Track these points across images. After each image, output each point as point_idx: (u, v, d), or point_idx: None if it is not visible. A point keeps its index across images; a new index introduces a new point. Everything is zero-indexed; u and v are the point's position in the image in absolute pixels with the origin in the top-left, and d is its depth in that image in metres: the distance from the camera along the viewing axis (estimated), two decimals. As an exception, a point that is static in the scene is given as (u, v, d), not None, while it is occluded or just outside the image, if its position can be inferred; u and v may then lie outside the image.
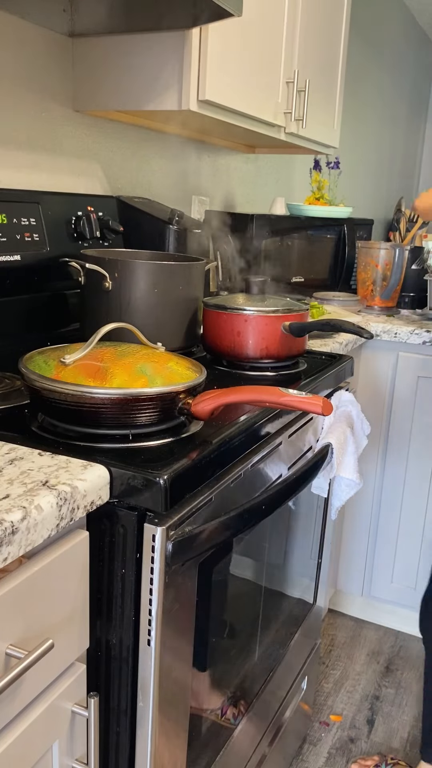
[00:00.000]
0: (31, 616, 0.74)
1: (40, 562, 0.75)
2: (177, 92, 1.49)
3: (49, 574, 0.76)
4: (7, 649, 0.70)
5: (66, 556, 0.78)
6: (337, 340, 1.75)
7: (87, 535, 0.83)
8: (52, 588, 0.77)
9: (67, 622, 0.80)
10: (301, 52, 1.93)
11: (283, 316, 1.33)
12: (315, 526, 1.59)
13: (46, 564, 0.75)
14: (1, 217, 1.28)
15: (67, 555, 0.78)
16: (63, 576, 0.78)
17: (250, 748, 1.33)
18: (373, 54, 3.61)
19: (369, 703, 1.98)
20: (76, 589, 0.81)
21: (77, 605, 0.82)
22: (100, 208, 1.56)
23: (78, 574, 0.82)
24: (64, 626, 0.80)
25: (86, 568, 0.83)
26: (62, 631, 0.79)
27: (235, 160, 2.43)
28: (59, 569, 0.77)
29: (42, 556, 0.76)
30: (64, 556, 0.78)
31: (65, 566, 0.79)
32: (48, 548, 0.77)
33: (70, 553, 0.79)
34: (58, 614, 0.78)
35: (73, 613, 0.81)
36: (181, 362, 1.03)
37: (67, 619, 0.80)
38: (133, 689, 0.89)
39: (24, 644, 0.72)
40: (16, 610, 0.71)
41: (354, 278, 2.60)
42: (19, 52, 1.44)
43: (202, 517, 0.90)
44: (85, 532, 0.83)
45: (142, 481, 0.83)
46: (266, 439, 1.13)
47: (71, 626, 0.81)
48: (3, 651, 0.70)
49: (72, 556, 0.80)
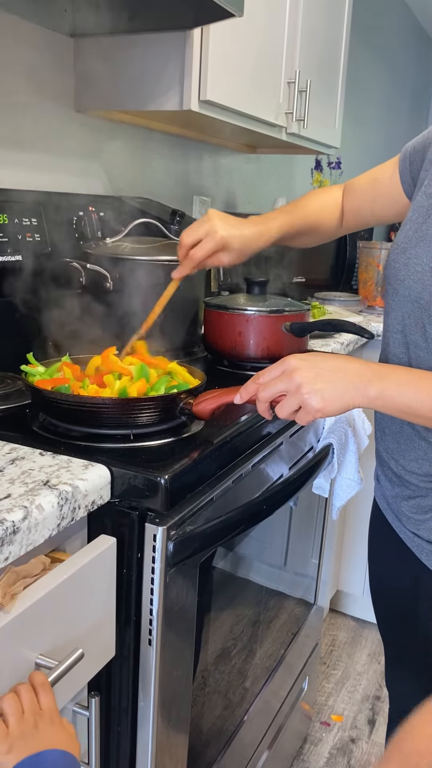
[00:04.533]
0: (60, 624, 0.73)
1: (69, 570, 0.74)
2: (178, 92, 1.49)
3: (77, 582, 0.75)
4: (37, 659, 0.70)
5: (94, 564, 0.78)
6: (338, 341, 1.75)
7: (114, 542, 0.82)
8: (81, 595, 0.76)
9: (95, 630, 0.79)
10: (302, 52, 1.92)
11: (284, 316, 1.33)
12: (316, 526, 1.59)
13: (74, 572, 0.74)
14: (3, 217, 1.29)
15: (95, 562, 0.78)
16: (91, 583, 0.78)
17: (251, 747, 1.33)
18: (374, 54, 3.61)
19: (370, 703, 1.97)
20: (104, 596, 0.81)
21: (105, 613, 0.81)
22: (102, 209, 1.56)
23: (106, 581, 0.81)
24: (92, 634, 0.79)
25: (113, 574, 0.83)
26: (90, 640, 0.78)
27: (237, 160, 2.43)
28: (88, 576, 0.77)
29: (70, 564, 0.75)
30: (93, 563, 0.77)
31: (93, 573, 0.78)
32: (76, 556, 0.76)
33: (99, 560, 0.78)
34: (87, 622, 0.77)
35: (101, 620, 0.80)
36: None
37: (95, 627, 0.79)
38: (134, 689, 0.89)
39: (54, 654, 0.71)
40: (45, 619, 0.71)
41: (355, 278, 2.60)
42: (20, 52, 1.44)
43: (203, 517, 0.91)
44: (112, 538, 0.82)
45: (143, 480, 0.83)
46: (267, 439, 1.13)
47: (99, 634, 0.81)
48: (33, 661, 0.70)
49: (100, 563, 0.79)
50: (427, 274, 0.91)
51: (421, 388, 0.82)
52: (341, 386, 0.81)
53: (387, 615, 1.17)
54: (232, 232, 1.07)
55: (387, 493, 1.07)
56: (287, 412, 0.83)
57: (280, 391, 0.83)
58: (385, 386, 0.82)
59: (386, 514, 1.08)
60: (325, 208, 1.21)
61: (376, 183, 1.15)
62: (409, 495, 1.01)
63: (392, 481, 1.04)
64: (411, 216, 0.99)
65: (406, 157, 1.09)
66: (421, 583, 1.02)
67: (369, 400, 0.82)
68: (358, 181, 1.20)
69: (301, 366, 0.82)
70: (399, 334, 0.97)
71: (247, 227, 1.10)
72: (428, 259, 0.91)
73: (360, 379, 0.82)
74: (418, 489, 0.99)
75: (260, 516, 0.97)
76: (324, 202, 1.22)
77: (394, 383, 0.82)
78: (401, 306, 0.96)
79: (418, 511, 0.99)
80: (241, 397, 0.88)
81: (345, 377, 0.82)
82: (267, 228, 1.12)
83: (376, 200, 1.16)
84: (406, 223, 1.00)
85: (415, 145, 1.07)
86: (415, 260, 0.93)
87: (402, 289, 0.96)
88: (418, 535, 0.99)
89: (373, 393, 0.82)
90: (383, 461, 1.07)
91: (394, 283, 0.98)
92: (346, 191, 1.22)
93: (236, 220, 1.10)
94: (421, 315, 0.92)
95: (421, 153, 1.05)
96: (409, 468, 0.99)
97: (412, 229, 0.97)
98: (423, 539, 0.99)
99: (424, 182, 1.00)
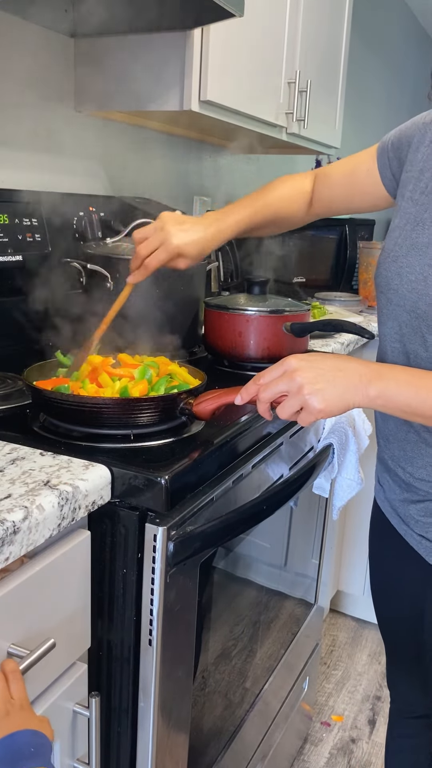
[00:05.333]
0: (33, 615, 0.74)
1: (42, 561, 0.75)
2: (178, 93, 1.49)
3: (50, 574, 0.76)
4: (9, 648, 0.71)
5: (68, 556, 0.78)
6: (338, 341, 1.75)
7: (88, 535, 0.83)
8: (54, 587, 0.77)
9: (69, 621, 0.80)
10: (302, 52, 1.92)
11: (284, 317, 1.33)
12: (316, 527, 1.59)
13: (47, 563, 0.75)
14: (3, 217, 1.29)
15: (68, 554, 0.78)
16: (65, 575, 0.78)
17: (251, 747, 1.33)
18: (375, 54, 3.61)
19: (370, 703, 1.97)
20: (77, 589, 0.81)
21: (79, 605, 0.82)
22: (102, 209, 1.56)
23: (79, 574, 0.82)
24: (65, 626, 0.80)
25: (87, 567, 0.83)
26: (64, 631, 0.79)
27: (237, 160, 2.43)
28: (61, 569, 0.77)
29: (44, 556, 0.76)
30: (66, 555, 0.78)
31: (67, 566, 0.79)
32: (50, 548, 0.77)
33: (72, 553, 0.79)
34: (60, 614, 0.78)
35: (75, 612, 0.81)
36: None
37: (69, 619, 0.80)
38: (134, 689, 0.89)
39: (26, 644, 0.72)
40: (18, 609, 0.72)
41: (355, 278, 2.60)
42: (20, 52, 1.44)
43: (203, 517, 0.91)
44: (87, 531, 0.83)
45: (144, 481, 0.83)
46: (267, 439, 1.13)
47: (73, 626, 0.81)
48: (5, 650, 0.70)
49: (74, 556, 0.80)
50: (421, 283, 0.90)
51: (421, 387, 0.83)
52: (342, 386, 0.82)
53: (389, 616, 1.17)
54: (186, 240, 1.04)
55: (393, 497, 1.06)
56: (289, 413, 0.83)
57: (281, 391, 0.83)
58: (385, 386, 0.82)
59: (390, 517, 1.08)
60: (290, 198, 1.18)
61: (353, 176, 1.13)
62: (418, 499, 1.00)
63: (401, 486, 1.04)
64: (398, 223, 0.98)
65: (385, 152, 1.07)
66: (428, 585, 1.02)
67: (370, 400, 0.82)
68: (332, 170, 1.17)
69: (302, 366, 0.82)
70: (397, 343, 0.97)
71: (201, 229, 1.07)
72: (421, 268, 0.91)
73: (360, 379, 0.82)
74: (428, 494, 0.99)
75: (260, 516, 0.97)
76: (289, 192, 1.18)
77: (393, 382, 0.83)
78: (397, 315, 0.96)
79: (426, 515, 0.99)
80: (241, 398, 0.88)
81: (345, 377, 0.82)
82: (225, 225, 1.10)
83: (353, 192, 1.14)
84: (394, 230, 0.99)
85: (394, 140, 1.06)
86: (408, 269, 0.93)
87: (396, 298, 0.95)
88: (426, 537, 0.99)
89: (373, 392, 0.82)
90: (389, 468, 1.06)
91: (387, 293, 0.98)
92: (319, 179, 1.19)
93: (191, 222, 1.07)
94: (419, 325, 0.92)
95: (401, 150, 1.03)
96: (417, 475, 0.99)
97: (401, 237, 0.96)
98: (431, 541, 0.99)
99: (408, 187, 0.99)
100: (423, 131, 1.00)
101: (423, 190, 0.96)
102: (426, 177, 0.96)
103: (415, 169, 0.99)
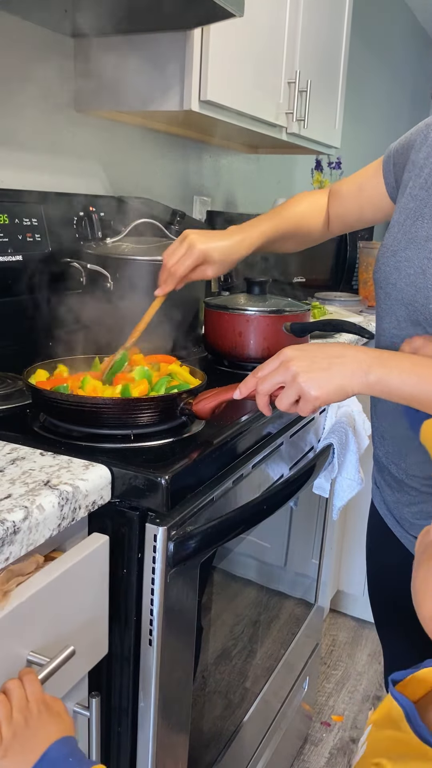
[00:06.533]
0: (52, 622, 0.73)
1: (61, 566, 0.74)
2: (179, 93, 1.49)
3: (69, 579, 0.75)
4: (28, 655, 0.70)
5: (87, 561, 0.77)
6: (338, 341, 1.75)
7: (107, 540, 0.82)
8: (73, 593, 0.76)
9: (87, 627, 0.79)
10: (302, 52, 1.92)
11: (284, 317, 1.33)
12: (316, 527, 1.59)
13: (66, 569, 0.74)
14: (3, 217, 1.29)
15: (87, 560, 0.78)
16: (83, 581, 0.78)
17: (251, 747, 1.33)
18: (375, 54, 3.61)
19: (370, 703, 1.97)
20: (96, 594, 0.80)
21: (97, 610, 0.81)
22: (102, 209, 1.56)
23: (98, 579, 0.81)
24: (84, 632, 0.79)
25: (106, 572, 0.82)
26: (82, 637, 0.78)
27: (237, 160, 2.43)
28: (80, 574, 0.77)
29: (63, 561, 0.75)
30: (85, 560, 0.77)
31: (86, 571, 0.78)
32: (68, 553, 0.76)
33: (91, 558, 0.78)
34: (79, 620, 0.78)
35: (93, 618, 0.80)
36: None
37: (87, 625, 0.79)
38: (134, 689, 0.89)
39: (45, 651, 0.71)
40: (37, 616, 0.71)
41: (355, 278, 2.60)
42: (20, 52, 1.44)
43: (203, 517, 0.91)
44: (105, 536, 0.82)
45: (144, 481, 0.83)
46: (267, 439, 1.13)
47: (91, 632, 0.80)
48: (24, 657, 0.70)
49: (92, 561, 0.79)
50: (420, 276, 0.90)
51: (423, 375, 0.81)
52: (338, 372, 0.81)
53: (387, 618, 1.17)
54: (210, 245, 1.07)
55: (387, 498, 1.06)
56: (287, 404, 0.82)
57: (278, 383, 0.83)
58: (386, 372, 0.81)
59: (386, 519, 1.08)
60: (310, 213, 1.21)
61: (362, 191, 1.15)
62: (411, 501, 1.00)
63: (392, 487, 1.04)
64: (397, 218, 0.99)
65: (390, 158, 1.08)
66: None
67: (369, 386, 0.81)
68: (343, 187, 1.19)
69: (297, 356, 0.82)
70: (397, 339, 0.97)
71: (226, 237, 1.09)
72: (419, 261, 0.91)
73: (359, 365, 0.81)
74: (420, 495, 0.99)
75: (260, 516, 0.97)
76: (309, 207, 1.21)
77: (395, 370, 0.81)
78: (395, 310, 0.96)
79: (421, 517, 0.99)
80: (240, 393, 0.88)
81: (343, 363, 0.81)
82: (248, 235, 1.11)
83: (363, 207, 1.16)
84: (393, 225, 0.99)
85: (398, 147, 1.07)
86: (406, 263, 0.93)
87: (394, 292, 0.95)
88: None
89: (373, 379, 0.81)
90: (382, 466, 1.06)
91: (385, 287, 0.98)
92: (332, 196, 1.21)
93: (214, 233, 1.10)
94: (417, 318, 0.92)
95: (405, 155, 1.04)
96: (410, 472, 0.99)
97: (400, 232, 0.96)
98: None
99: (408, 184, 0.99)
100: (425, 132, 1.00)
101: (422, 186, 0.96)
102: (425, 173, 0.96)
103: (416, 167, 0.99)
